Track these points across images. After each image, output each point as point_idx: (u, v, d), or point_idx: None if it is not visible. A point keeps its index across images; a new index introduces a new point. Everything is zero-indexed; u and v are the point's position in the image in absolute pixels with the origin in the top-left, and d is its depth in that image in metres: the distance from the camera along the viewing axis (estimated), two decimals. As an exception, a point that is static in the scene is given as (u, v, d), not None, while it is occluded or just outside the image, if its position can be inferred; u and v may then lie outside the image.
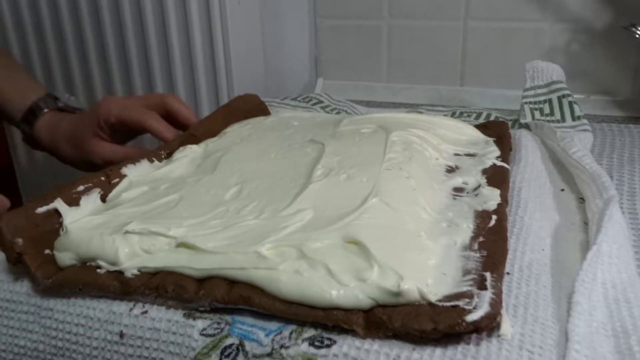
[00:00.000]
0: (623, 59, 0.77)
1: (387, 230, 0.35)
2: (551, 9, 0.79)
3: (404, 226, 0.36)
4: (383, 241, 0.33)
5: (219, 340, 0.32)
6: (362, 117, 0.59)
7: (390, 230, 0.35)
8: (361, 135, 0.52)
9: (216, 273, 0.34)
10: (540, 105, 0.63)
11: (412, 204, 0.39)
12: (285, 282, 0.32)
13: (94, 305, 0.35)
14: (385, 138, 0.49)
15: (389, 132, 0.50)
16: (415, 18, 0.85)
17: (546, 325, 0.30)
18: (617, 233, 0.37)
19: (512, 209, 0.42)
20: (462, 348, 0.28)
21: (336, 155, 0.47)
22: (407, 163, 0.44)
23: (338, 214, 0.37)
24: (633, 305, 0.31)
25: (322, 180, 0.43)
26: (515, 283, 0.33)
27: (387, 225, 0.36)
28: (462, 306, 0.29)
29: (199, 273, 0.34)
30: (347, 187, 0.41)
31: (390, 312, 0.30)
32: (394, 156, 0.45)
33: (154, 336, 0.33)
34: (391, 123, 0.54)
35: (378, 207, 0.37)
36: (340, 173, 0.44)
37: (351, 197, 0.39)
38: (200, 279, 0.34)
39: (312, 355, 0.30)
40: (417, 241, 0.35)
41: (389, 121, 0.55)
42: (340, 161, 0.46)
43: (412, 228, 0.36)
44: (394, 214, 0.37)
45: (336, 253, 0.33)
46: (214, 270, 0.34)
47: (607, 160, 0.52)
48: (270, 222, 0.37)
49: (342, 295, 0.31)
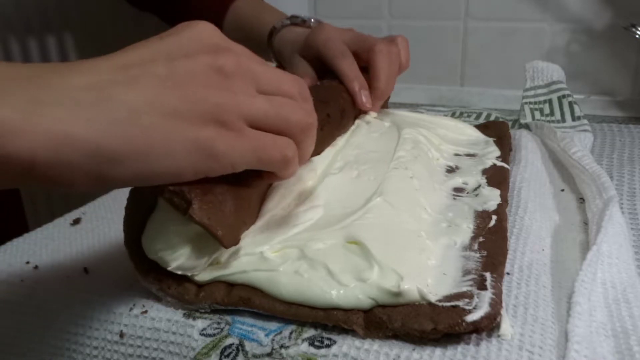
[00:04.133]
0: (623, 59, 0.77)
1: (388, 230, 0.35)
2: (551, 9, 0.79)
3: (405, 226, 0.36)
4: (383, 241, 0.33)
5: (219, 340, 0.32)
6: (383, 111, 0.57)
7: (391, 230, 0.35)
8: (379, 130, 0.51)
9: (217, 278, 0.34)
10: (540, 106, 0.63)
11: (414, 204, 0.39)
12: (285, 284, 0.32)
13: (93, 306, 0.35)
14: (398, 135, 0.49)
15: (400, 129, 0.50)
16: (415, 18, 0.85)
17: (546, 325, 0.30)
18: (617, 233, 0.37)
19: (512, 209, 0.42)
20: (462, 348, 0.28)
21: (355, 149, 0.47)
22: (412, 162, 0.44)
23: (343, 213, 0.37)
24: (633, 305, 0.31)
25: (337, 174, 0.42)
26: (515, 283, 0.33)
27: (388, 225, 0.36)
28: (462, 306, 0.29)
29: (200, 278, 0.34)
30: (355, 185, 0.41)
31: (390, 312, 0.30)
32: (403, 155, 0.45)
33: (153, 336, 0.33)
34: (401, 120, 0.54)
35: (381, 207, 0.37)
36: (353, 168, 0.43)
37: (358, 196, 0.39)
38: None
39: (312, 355, 0.30)
40: (417, 241, 0.35)
41: (401, 119, 0.55)
42: (357, 155, 0.46)
43: (413, 228, 0.36)
44: (396, 214, 0.37)
45: (337, 253, 0.33)
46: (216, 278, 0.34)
47: (607, 160, 0.52)
48: (285, 219, 0.37)
49: (342, 295, 0.31)
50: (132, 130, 0.26)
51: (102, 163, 0.26)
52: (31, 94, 0.25)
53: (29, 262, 0.43)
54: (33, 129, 0.24)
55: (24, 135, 0.24)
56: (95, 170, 0.26)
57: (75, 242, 0.46)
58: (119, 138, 0.26)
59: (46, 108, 0.25)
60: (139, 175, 0.27)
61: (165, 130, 0.27)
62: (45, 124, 0.24)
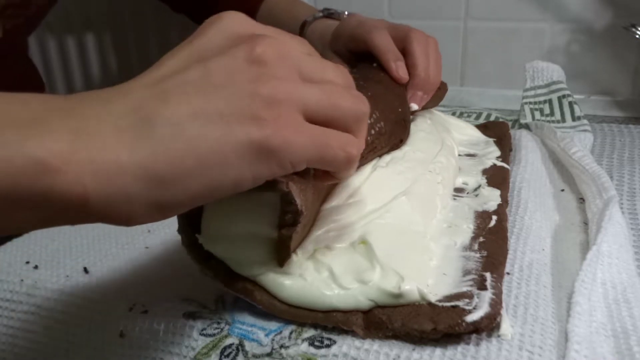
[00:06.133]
0: (623, 59, 0.77)
1: (397, 230, 0.35)
2: (551, 9, 0.79)
3: (415, 227, 0.36)
4: (390, 241, 0.33)
5: (219, 340, 0.32)
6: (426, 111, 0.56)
7: (400, 231, 0.35)
8: (425, 130, 0.50)
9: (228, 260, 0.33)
10: (541, 106, 0.63)
11: (430, 209, 0.39)
12: (288, 286, 0.31)
13: (94, 305, 0.35)
14: (440, 140, 0.48)
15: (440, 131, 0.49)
16: (415, 18, 0.85)
17: (546, 325, 0.30)
18: (617, 233, 0.37)
19: (512, 209, 0.42)
20: (462, 348, 0.28)
21: (407, 145, 0.46)
22: (445, 170, 0.44)
23: (370, 209, 0.36)
24: (633, 305, 0.31)
25: (384, 168, 0.41)
26: (515, 283, 0.33)
27: (400, 225, 0.36)
28: (462, 306, 0.29)
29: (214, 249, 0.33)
30: (394, 181, 0.40)
31: (390, 313, 0.30)
32: (442, 161, 0.45)
33: (153, 336, 0.33)
34: (436, 120, 0.53)
35: (401, 207, 0.37)
36: (398, 164, 0.42)
37: (388, 192, 0.38)
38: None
39: (312, 355, 0.30)
40: (422, 242, 0.35)
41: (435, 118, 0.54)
42: (406, 153, 0.44)
43: (420, 230, 0.36)
44: (410, 215, 0.37)
45: (344, 253, 0.33)
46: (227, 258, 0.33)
47: (607, 160, 0.52)
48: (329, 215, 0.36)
49: (342, 298, 0.30)
50: (177, 146, 0.24)
51: (154, 188, 0.24)
52: (72, 126, 0.23)
53: (29, 262, 0.43)
54: (79, 161, 0.23)
55: (71, 170, 0.23)
56: (151, 197, 0.24)
57: (75, 242, 0.46)
58: (165, 157, 0.24)
59: (89, 138, 0.23)
60: (195, 194, 0.25)
61: (212, 138, 0.24)
62: (90, 154, 0.23)
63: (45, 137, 0.23)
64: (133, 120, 0.24)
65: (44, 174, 0.22)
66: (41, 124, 0.23)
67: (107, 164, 0.23)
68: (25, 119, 0.23)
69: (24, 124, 0.23)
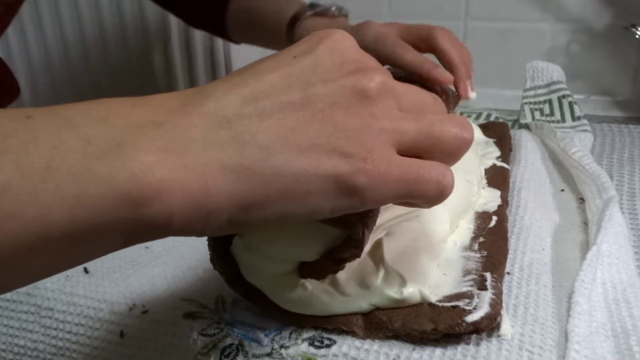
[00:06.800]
0: (623, 59, 0.77)
1: (418, 234, 0.34)
2: (551, 9, 0.79)
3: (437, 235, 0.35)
4: (405, 244, 0.33)
5: (219, 340, 0.32)
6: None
7: (420, 235, 0.34)
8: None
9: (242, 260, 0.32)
10: (540, 106, 0.63)
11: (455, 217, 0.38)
12: (288, 295, 0.31)
13: (94, 305, 0.35)
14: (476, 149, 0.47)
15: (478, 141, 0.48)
16: (415, 18, 0.85)
17: (546, 325, 0.30)
18: (617, 233, 0.37)
19: (512, 209, 0.42)
20: (462, 348, 0.28)
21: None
22: (479, 183, 0.43)
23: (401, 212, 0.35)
24: (633, 305, 0.31)
25: None
26: (515, 282, 0.33)
27: (423, 230, 0.34)
28: (462, 307, 0.29)
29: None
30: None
31: (390, 313, 0.30)
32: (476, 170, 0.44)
33: (153, 336, 0.33)
34: None
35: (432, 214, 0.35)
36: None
37: None
38: None
39: (312, 355, 0.30)
40: (436, 248, 0.34)
41: None
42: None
43: (442, 237, 0.35)
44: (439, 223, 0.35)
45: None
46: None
47: (607, 160, 0.52)
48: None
49: (344, 304, 0.30)
50: (264, 172, 0.23)
51: (235, 211, 0.23)
52: (159, 145, 0.22)
53: (29, 262, 0.43)
54: (169, 190, 0.22)
55: (162, 200, 0.22)
56: (229, 218, 0.24)
57: (75, 242, 0.46)
58: (251, 183, 0.23)
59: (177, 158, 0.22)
60: (269, 218, 0.24)
61: (300, 168, 0.24)
62: (180, 181, 0.22)
63: (135, 166, 0.21)
64: (225, 135, 0.23)
65: (134, 207, 0.21)
66: (127, 149, 0.22)
67: (195, 192, 0.22)
68: (108, 141, 0.22)
69: (109, 149, 0.21)
